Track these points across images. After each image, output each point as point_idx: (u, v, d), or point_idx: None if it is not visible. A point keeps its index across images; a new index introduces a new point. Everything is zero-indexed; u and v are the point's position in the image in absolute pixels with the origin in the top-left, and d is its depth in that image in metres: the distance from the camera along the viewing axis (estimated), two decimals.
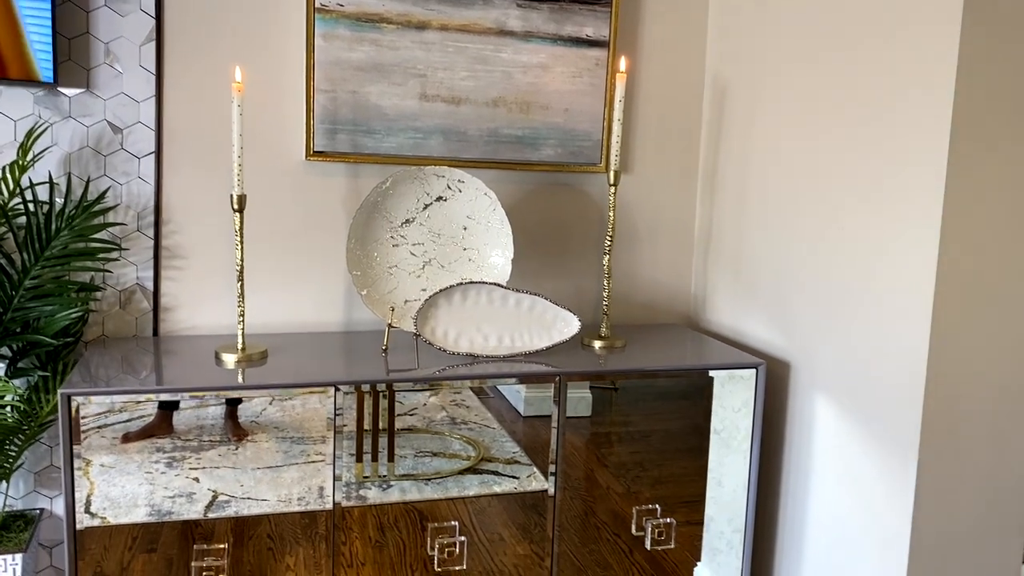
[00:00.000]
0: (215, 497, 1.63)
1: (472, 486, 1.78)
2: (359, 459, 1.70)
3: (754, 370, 1.91)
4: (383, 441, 1.72)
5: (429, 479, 1.75)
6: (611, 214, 1.98)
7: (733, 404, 1.91)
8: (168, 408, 1.60)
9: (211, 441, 1.63)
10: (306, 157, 1.97)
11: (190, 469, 1.62)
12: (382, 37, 1.98)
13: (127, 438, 1.58)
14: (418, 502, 1.75)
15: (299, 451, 1.67)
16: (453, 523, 1.77)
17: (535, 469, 1.82)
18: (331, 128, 1.98)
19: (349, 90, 1.98)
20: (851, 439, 1.76)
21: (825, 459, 1.84)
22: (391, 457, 1.73)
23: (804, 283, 1.89)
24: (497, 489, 1.79)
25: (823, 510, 1.84)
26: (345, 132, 1.99)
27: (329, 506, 1.69)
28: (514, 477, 1.80)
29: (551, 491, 1.82)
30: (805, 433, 1.90)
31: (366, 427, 1.70)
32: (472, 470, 1.78)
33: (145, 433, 1.59)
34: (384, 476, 1.72)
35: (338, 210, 2.05)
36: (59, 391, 1.52)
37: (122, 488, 1.58)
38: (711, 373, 1.89)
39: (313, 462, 1.67)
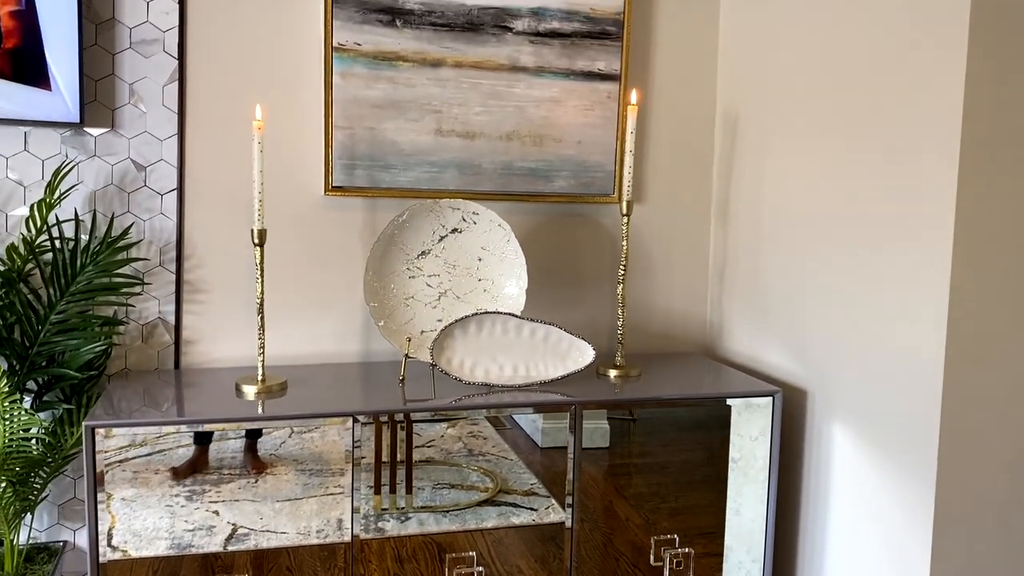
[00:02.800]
0: (235, 530, 1.65)
1: (490, 518, 1.78)
2: (377, 491, 1.71)
3: (771, 398, 1.91)
4: (401, 473, 1.73)
5: (447, 511, 1.76)
6: (624, 243, 2.00)
7: (750, 432, 1.91)
8: (204, 442, 1.63)
9: (231, 474, 1.65)
10: (324, 192, 2.01)
11: (210, 502, 1.64)
12: (398, 75, 2.03)
13: (176, 473, 1.61)
14: (436, 534, 1.76)
15: (317, 483, 1.68)
16: (471, 554, 1.77)
17: (553, 501, 1.82)
18: (349, 164, 2.02)
19: (366, 126, 2.02)
20: (869, 467, 1.75)
21: (843, 487, 1.83)
22: (409, 489, 1.74)
23: (819, 310, 1.90)
24: (515, 521, 1.80)
25: (842, 539, 1.83)
26: (363, 167, 2.03)
27: (347, 538, 1.70)
28: (532, 509, 1.81)
29: (568, 523, 1.83)
30: (823, 461, 1.90)
31: (384, 458, 1.71)
32: (490, 502, 1.78)
33: (191, 468, 1.62)
34: (402, 508, 1.73)
35: (355, 243, 2.08)
36: (83, 423, 1.55)
37: (143, 521, 1.60)
38: (728, 401, 1.90)
39: (332, 494, 1.69)
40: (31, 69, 1.76)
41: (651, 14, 2.24)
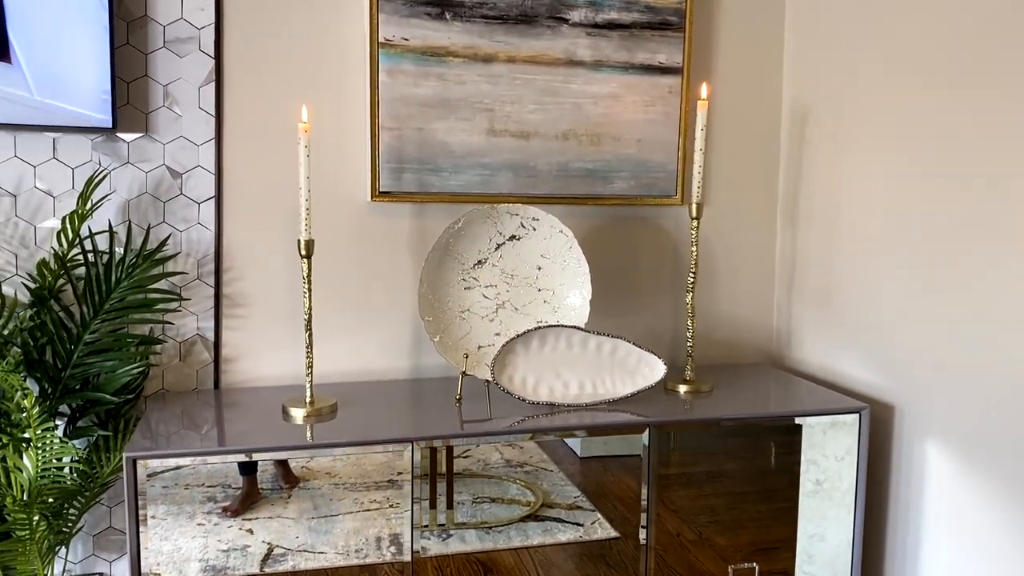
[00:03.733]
0: (270, 550, 1.53)
1: (535, 534, 1.66)
2: (433, 505, 1.59)
3: (857, 415, 1.76)
4: (440, 487, 1.60)
5: (490, 527, 1.63)
6: (694, 249, 1.86)
7: (836, 452, 1.77)
8: (251, 471, 1.50)
9: (262, 488, 1.52)
10: (371, 198, 1.88)
11: (243, 520, 1.51)
12: (448, 71, 1.89)
13: (233, 511, 1.49)
14: (480, 552, 1.63)
15: (353, 500, 1.56)
16: (517, 573, 1.64)
17: (599, 515, 1.69)
18: (397, 167, 1.89)
19: (415, 127, 1.89)
20: (969, 488, 1.60)
21: (938, 511, 1.68)
22: (450, 504, 1.61)
23: (913, 321, 1.75)
24: (561, 537, 1.67)
25: (938, 566, 1.68)
26: (411, 171, 1.90)
27: (387, 558, 1.57)
28: (578, 524, 1.68)
29: (643, 539, 1.69)
30: (914, 482, 1.75)
31: (428, 476, 1.58)
32: (533, 516, 1.66)
33: (246, 502, 1.50)
34: (443, 525, 1.60)
35: (403, 252, 1.95)
36: (124, 454, 1.43)
37: (175, 543, 1.48)
38: (807, 419, 1.75)
39: (368, 510, 1.56)
40: None
41: (713, 2, 2.09)
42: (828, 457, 1.77)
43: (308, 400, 1.67)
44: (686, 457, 1.72)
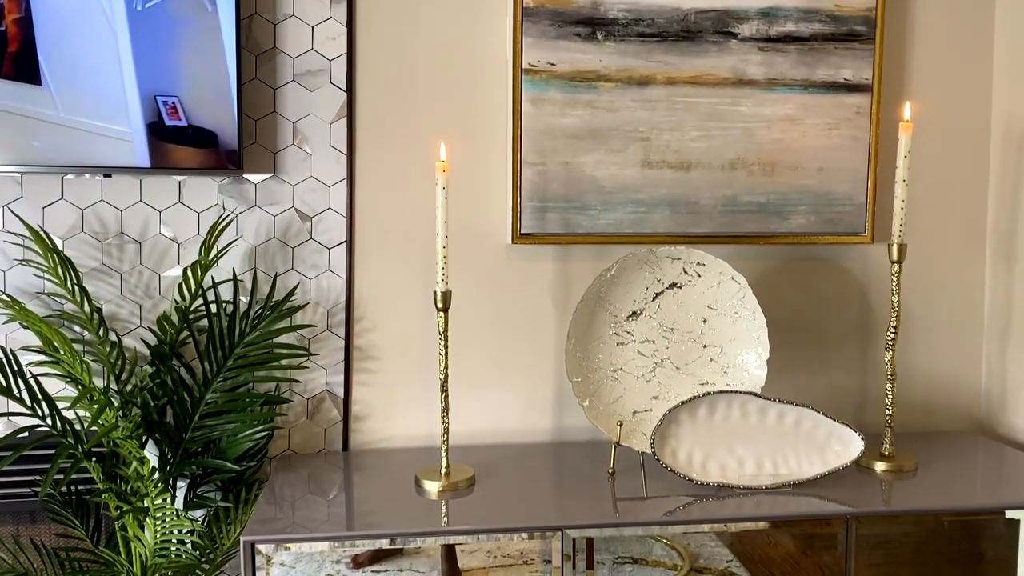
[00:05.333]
0: None
1: None
2: (575, 567, 1.36)
3: None
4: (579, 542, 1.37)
5: None
6: (895, 299, 1.56)
7: None
8: None
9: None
10: (512, 240, 1.69)
11: (372, 572, 1.35)
12: (598, 98, 1.68)
13: (358, 563, 1.35)
14: None
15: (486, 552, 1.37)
16: None
17: None
18: (540, 206, 1.68)
19: (560, 161, 1.68)
20: None
21: None
22: (590, 563, 1.40)
23: None
24: None
25: None
26: (556, 210, 1.69)
27: None
28: None
29: None
30: None
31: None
32: None
33: (375, 556, 1.34)
34: None
35: (546, 300, 1.74)
36: (242, 538, 1.27)
37: None
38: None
39: (505, 566, 1.36)
40: (26, 67, 1.49)
41: (907, 9, 1.79)
42: None
43: (444, 471, 1.48)
44: (880, 552, 1.42)
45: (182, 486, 1.58)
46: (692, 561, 1.49)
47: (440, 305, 1.46)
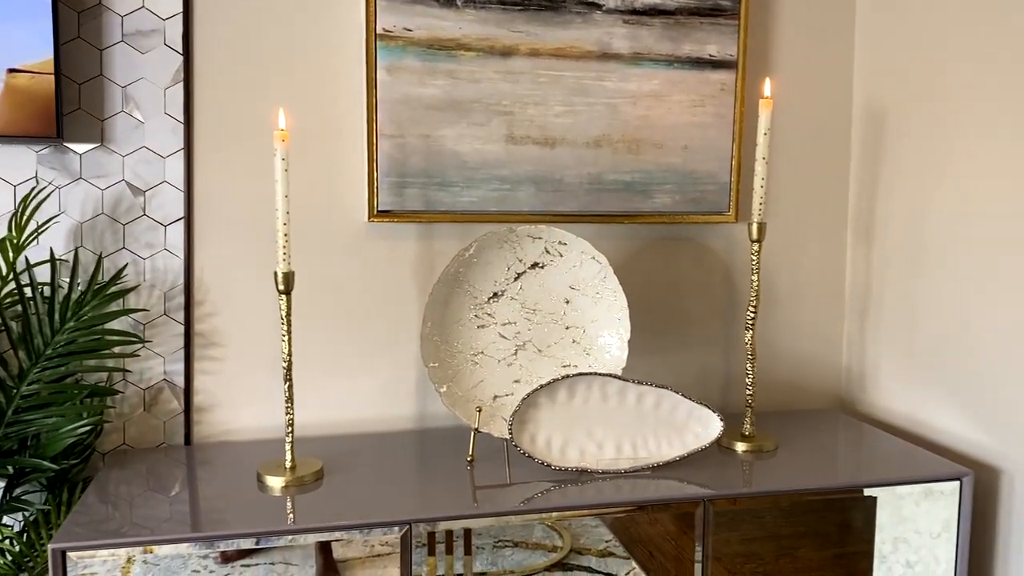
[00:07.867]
0: None
1: None
2: (431, 552, 1.29)
3: (957, 482, 1.44)
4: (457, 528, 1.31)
5: None
6: (755, 278, 1.55)
7: (930, 528, 1.44)
8: None
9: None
10: (368, 218, 1.59)
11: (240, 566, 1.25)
12: (459, 68, 1.60)
13: (226, 557, 1.23)
14: None
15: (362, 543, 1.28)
16: None
17: (634, 564, 1.41)
18: (398, 182, 1.60)
19: (420, 134, 1.60)
20: None
21: None
22: (468, 550, 1.34)
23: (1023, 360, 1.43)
24: None
25: None
26: (416, 186, 1.60)
27: None
28: (611, 574, 1.38)
29: None
30: None
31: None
32: (561, 564, 1.39)
33: (244, 551, 1.24)
34: (461, 574, 1.31)
35: (407, 281, 1.66)
36: (50, 545, 1.15)
37: None
38: (885, 489, 1.43)
39: (375, 556, 1.29)
40: None
41: None
42: (922, 534, 1.45)
43: (288, 465, 1.39)
44: (744, 529, 1.41)
45: None
46: (573, 542, 1.45)
47: (282, 287, 1.35)
